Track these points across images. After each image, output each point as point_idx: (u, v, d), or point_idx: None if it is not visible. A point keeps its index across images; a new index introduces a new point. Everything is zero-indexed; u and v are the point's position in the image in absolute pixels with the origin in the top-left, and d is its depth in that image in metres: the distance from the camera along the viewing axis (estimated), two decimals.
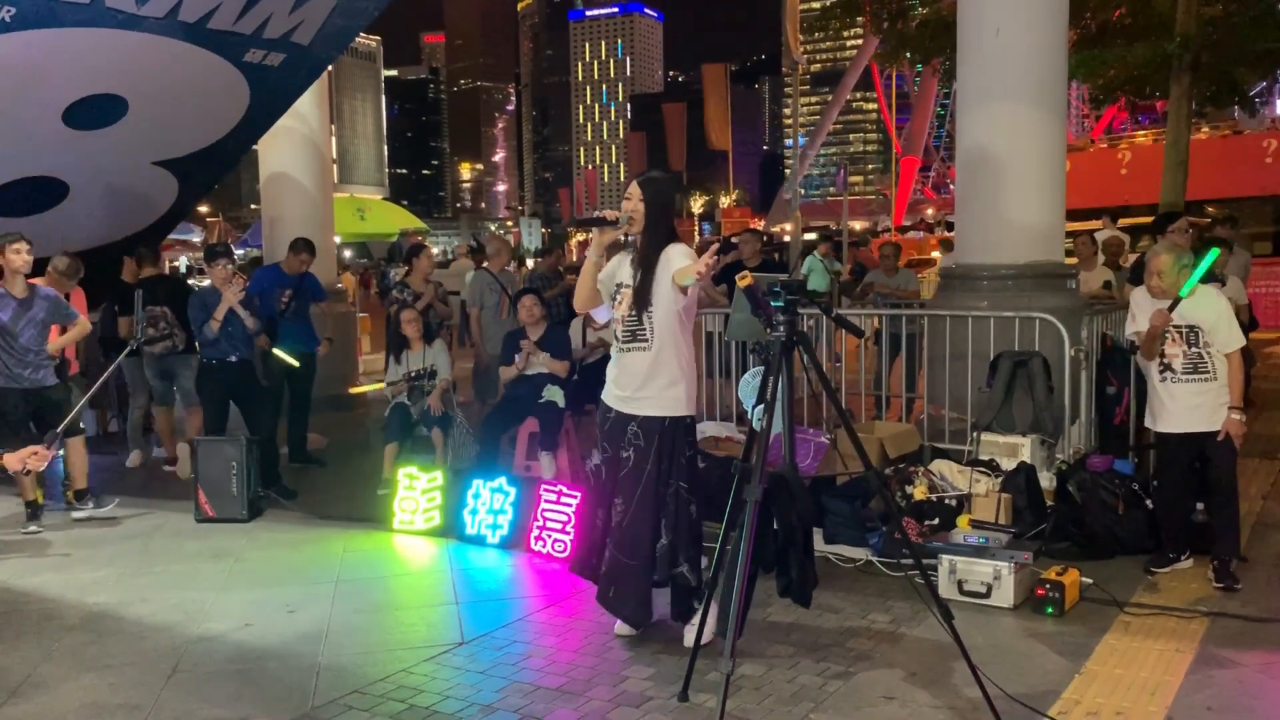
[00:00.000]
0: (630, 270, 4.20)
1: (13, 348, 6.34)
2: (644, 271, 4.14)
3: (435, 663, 4.21)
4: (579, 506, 5.47)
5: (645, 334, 4.16)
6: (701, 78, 56.13)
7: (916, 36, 15.95)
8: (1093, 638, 4.32)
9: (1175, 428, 5.05)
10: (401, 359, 7.43)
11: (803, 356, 3.37)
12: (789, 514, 3.39)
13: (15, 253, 6.30)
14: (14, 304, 6.35)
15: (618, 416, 4.29)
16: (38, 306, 6.44)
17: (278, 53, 7.86)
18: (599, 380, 7.76)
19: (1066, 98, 7.82)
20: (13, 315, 6.33)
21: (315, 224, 10.97)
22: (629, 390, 4.24)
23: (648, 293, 4.11)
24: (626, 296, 4.18)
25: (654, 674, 4.02)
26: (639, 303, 4.13)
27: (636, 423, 4.21)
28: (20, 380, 6.38)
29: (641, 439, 4.18)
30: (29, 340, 6.39)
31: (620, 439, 4.27)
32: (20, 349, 6.36)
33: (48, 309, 6.50)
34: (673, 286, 4.04)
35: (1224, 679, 3.92)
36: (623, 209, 4.18)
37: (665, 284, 4.08)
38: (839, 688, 3.87)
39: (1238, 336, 4.99)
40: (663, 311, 4.11)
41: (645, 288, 4.11)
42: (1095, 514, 5.41)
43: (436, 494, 6.13)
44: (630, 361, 4.22)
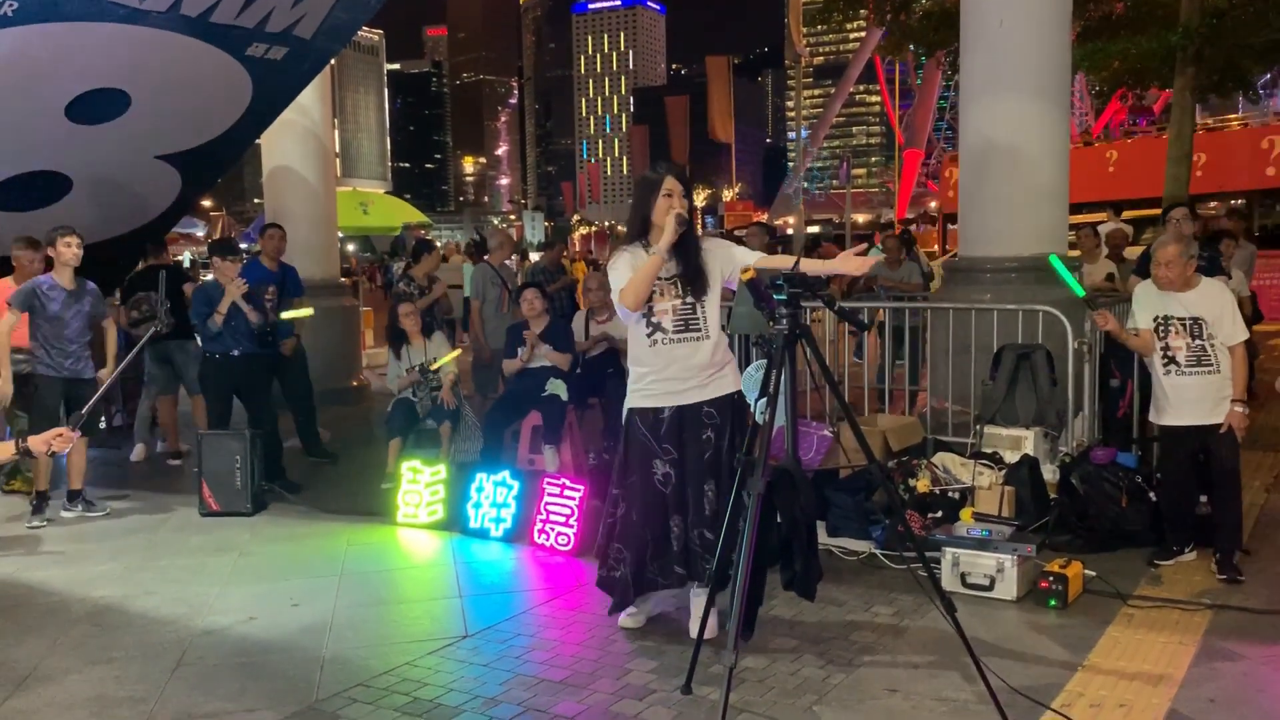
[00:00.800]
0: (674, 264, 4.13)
1: (61, 337, 6.48)
2: (695, 262, 4.11)
3: (439, 656, 4.22)
4: (581, 500, 5.48)
5: (698, 323, 4.11)
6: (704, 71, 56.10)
7: (919, 28, 15.92)
8: (1096, 630, 4.32)
9: (1179, 420, 5.05)
10: (402, 354, 7.43)
11: (805, 349, 3.37)
12: (792, 507, 3.39)
13: (66, 245, 6.46)
14: (64, 295, 6.51)
15: (677, 411, 4.14)
16: (86, 299, 6.62)
17: (280, 46, 7.85)
18: (602, 374, 7.87)
19: (1070, 90, 7.80)
20: (63, 305, 6.49)
21: (318, 218, 10.98)
22: (695, 380, 4.13)
23: (704, 282, 4.11)
24: (667, 289, 4.11)
25: (657, 667, 4.03)
26: (696, 292, 4.10)
27: (710, 404, 4.15)
28: (61, 370, 6.53)
29: (717, 416, 4.14)
30: (74, 332, 6.55)
31: (693, 429, 4.14)
32: (66, 339, 6.50)
33: (93, 302, 6.67)
34: (722, 276, 4.13)
35: (1228, 671, 3.92)
36: (676, 206, 4.06)
37: (716, 273, 4.12)
38: (842, 680, 3.88)
39: (1241, 329, 4.99)
40: (713, 299, 4.14)
41: (701, 278, 4.11)
42: (1098, 507, 5.41)
43: (440, 488, 6.14)
44: (686, 352, 4.12)
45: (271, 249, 8.16)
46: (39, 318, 6.44)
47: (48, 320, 6.45)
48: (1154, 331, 5.06)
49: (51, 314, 6.44)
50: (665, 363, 4.14)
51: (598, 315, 8.01)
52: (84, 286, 6.64)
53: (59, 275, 6.51)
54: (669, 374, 4.14)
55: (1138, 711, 3.58)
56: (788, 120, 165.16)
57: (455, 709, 3.71)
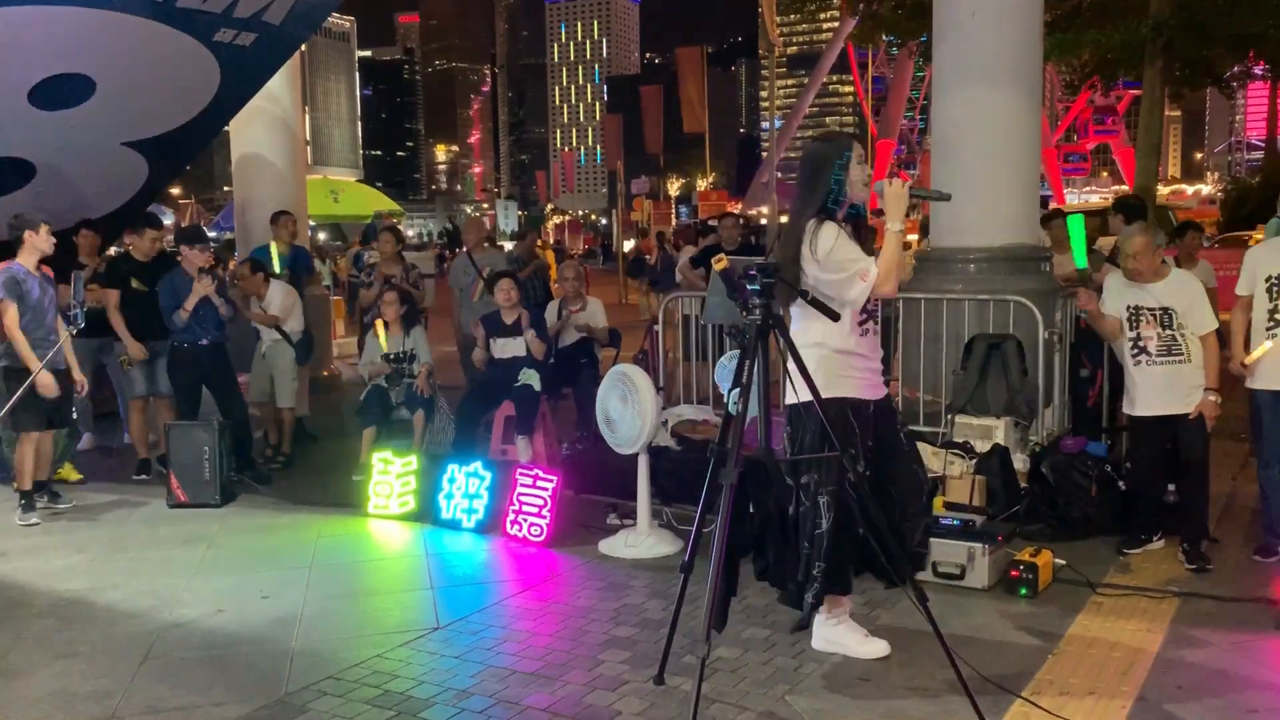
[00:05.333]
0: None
1: (43, 326, 6.31)
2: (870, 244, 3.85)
3: (410, 648, 4.19)
4: (554, 491, 5.46)
5: (877, 311, 3.92)
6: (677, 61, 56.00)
7: (892, 17, 15.96)
8: (1066, 618, 4.36)
9: (1149, 410, 5.09)
10: (378, 341, 7.37)
11: (778, 340, 3.36)
12: (765, 497, 3.38)
13: (47, 235, 6.31)
14: (37, 283, 6.31)
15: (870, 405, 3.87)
16: (50, 289, 6.43)
17: (248, 32, 7.75)
18: (575, 364, 7.84)
19: (1042, 81, 7.83)
20: (40, 294, 6.31)
21: (288, 205, 10.79)
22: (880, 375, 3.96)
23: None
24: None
25: (630, 657, 4.02)
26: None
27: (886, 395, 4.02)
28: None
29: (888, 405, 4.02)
30: (52, 320, 6.38)
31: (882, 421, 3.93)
32: (47, 328, 6.33)
33: (54, 293, 6.50)
34: None
35: (1195, 659, 3.96)
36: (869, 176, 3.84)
37: None
38: (814, 670, 3.88)
39: (1211, 319, 5.04)
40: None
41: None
42: (1068, 496, 5.45)
43: (411, 478, 6.09)
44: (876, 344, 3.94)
45: (286, 235, 8.54)
46: (22, 307, 6.22)
47: (30, 309, 6.23)
48: (1125, 321, 5.09)
49: (32, 302, 6.26)
50: (871, 352, 3.89)
51: (571, 304, 7.98)
52: (47, 276, 6.48)
53: (26, 262, 6.30)
54: (874, 365, 3.91)
55: (1106, 699, 3.61)
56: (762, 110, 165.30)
57: (426, 701, 3.68)
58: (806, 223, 3.75)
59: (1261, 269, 4.98)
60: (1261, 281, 4.96)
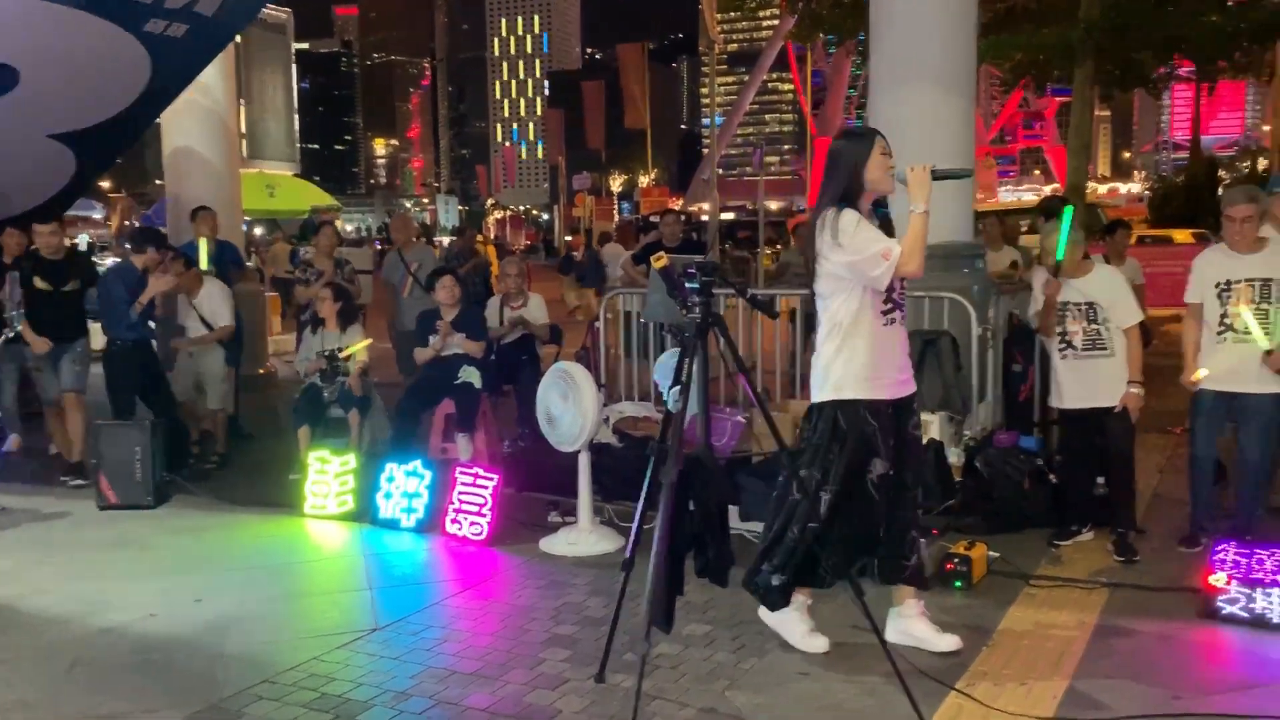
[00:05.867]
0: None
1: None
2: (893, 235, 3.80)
3: (348, 650, 4.14)
4: (495, 489, 5.44)
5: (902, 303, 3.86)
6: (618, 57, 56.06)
7: (830, 16, 16.11)
8: (999, 610, 4.44)
9: (1076, 403, 5.21)
10: (317, 336, 7.27)
11: (718, 338, 3.37)
12: (705, 496, 3.40)
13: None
14: None
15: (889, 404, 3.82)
16: None
17: (180, 23, 7.58)
18: (516, 360, 7.81)
19: (976, 80, 7.95)
20: None
21: (222, 200, 10.61)
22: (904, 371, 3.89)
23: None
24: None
25: (571, 655, 4.02)
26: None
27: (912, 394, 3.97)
28: None
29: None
30: None
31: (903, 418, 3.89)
32: None
33: None
34: None
35: (1123, 648, 4.06)
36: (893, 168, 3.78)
37: None
38: (754, 665, 3.92)
39: (1135, 312, 5.16)
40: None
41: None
42: (1002, 489, 5.55)
43: (349, 477, 6.02)
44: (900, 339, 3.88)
45: (206, 231, 8.17)
46: None
47: None
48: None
49: None
50: (892, 348, 3.82)
51: (513, 301, 7.94)
52: None
53: None
54: (897, 361, 3.85)
55: (1037, 690, 3.69)
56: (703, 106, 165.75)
57: (364, 704, 3.65)
58: (824, 213, 3.74)
59: (1210, 275, 5.00)
60: (1211, 288, 4.98)
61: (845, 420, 3.73)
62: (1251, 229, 4.89)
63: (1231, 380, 4.95)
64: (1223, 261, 4.98)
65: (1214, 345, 4.98)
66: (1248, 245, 4.91)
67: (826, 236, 3.68)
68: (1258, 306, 4.84)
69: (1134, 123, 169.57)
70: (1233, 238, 4.92)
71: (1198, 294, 5.05)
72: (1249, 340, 4.83)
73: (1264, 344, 4.78)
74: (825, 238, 3.68)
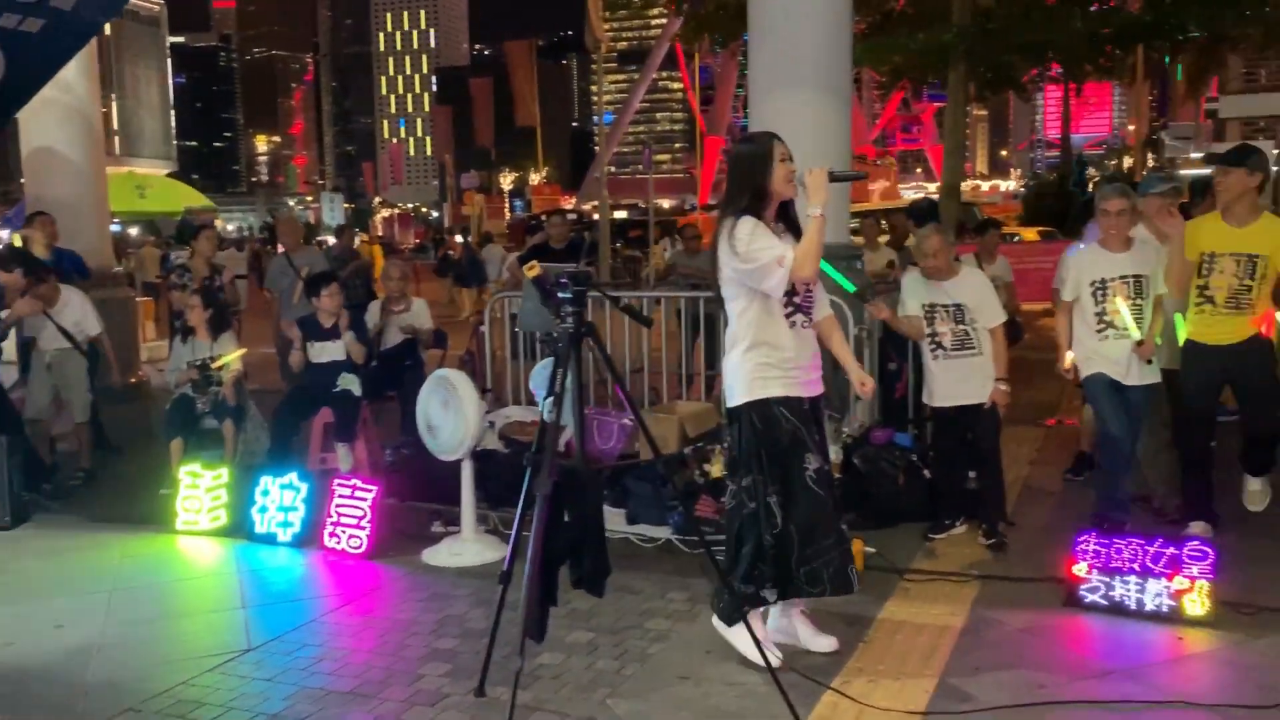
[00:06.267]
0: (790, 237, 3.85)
1: None
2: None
3: (219, 672, 4.00)
4: (374, 500, 5.33)
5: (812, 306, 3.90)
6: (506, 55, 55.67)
7: (715, 18, 16.24)
8: (875, 606, 4.53)
9: (946, 401, 5.37)
10: (188, 345, 7.02)
11: (593, 347, 3.36)
12: (580, 506, 3.38)
13: None
14: None
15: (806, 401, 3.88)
16: None
17: (35, 18, 7.21)
18: (400, 366, 7.66)
19: (852, 83, 8.12)
20: None
21: (87, 202, 10.23)
22: (815, 371, 3.93)
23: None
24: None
25: (451, 670, 3.97)
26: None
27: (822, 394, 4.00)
28: None
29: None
30: None
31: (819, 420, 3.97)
32: None
33: None
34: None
35: (991, 639, 4.19)
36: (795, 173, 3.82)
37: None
38: (636, 670, 3.92)
39: (1000, 313, 5.34)
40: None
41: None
42: (878, 485, 5.69)
43: (222, 491, 5.83)
44: (811, 339, 3.92)
45: (44, 237, 7.72)
46: None
47: None
48: (923, 318, 5.35)
49: None
50: (800, 348, 3.85)
51: (394, 305, 7.80)
52: None
53: None
54: (804, 361, 3.88)
55: (910, 683, 3.78)
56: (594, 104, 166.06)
57: None
58: (725, 221, 3.79)
59: (1086, 274, 5.14)
60: (1086, 286, 5.13)
61: (761, 421, 3.77)
62: (1125, 222, 5.07)
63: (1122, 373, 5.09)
64: (1097, 260, 5.14)
65: (1096, 343, 5.13)
66: (1121, 241, 5.09)
67: (724, 245, 3.74)
68: (1133, 303, 5.02)
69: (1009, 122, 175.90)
70: (1108, 230, 5.10)
71: (1073, 292, 5.21)
72: (1129, 335, 5.01)
73: (1135, 335, 4.98)
74: (724, 246, 3.75)
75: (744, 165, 3.86)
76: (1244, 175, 4.94)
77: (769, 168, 3.78)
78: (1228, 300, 5.02)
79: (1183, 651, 4.04)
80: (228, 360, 6.85)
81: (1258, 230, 4.96)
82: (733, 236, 3.73)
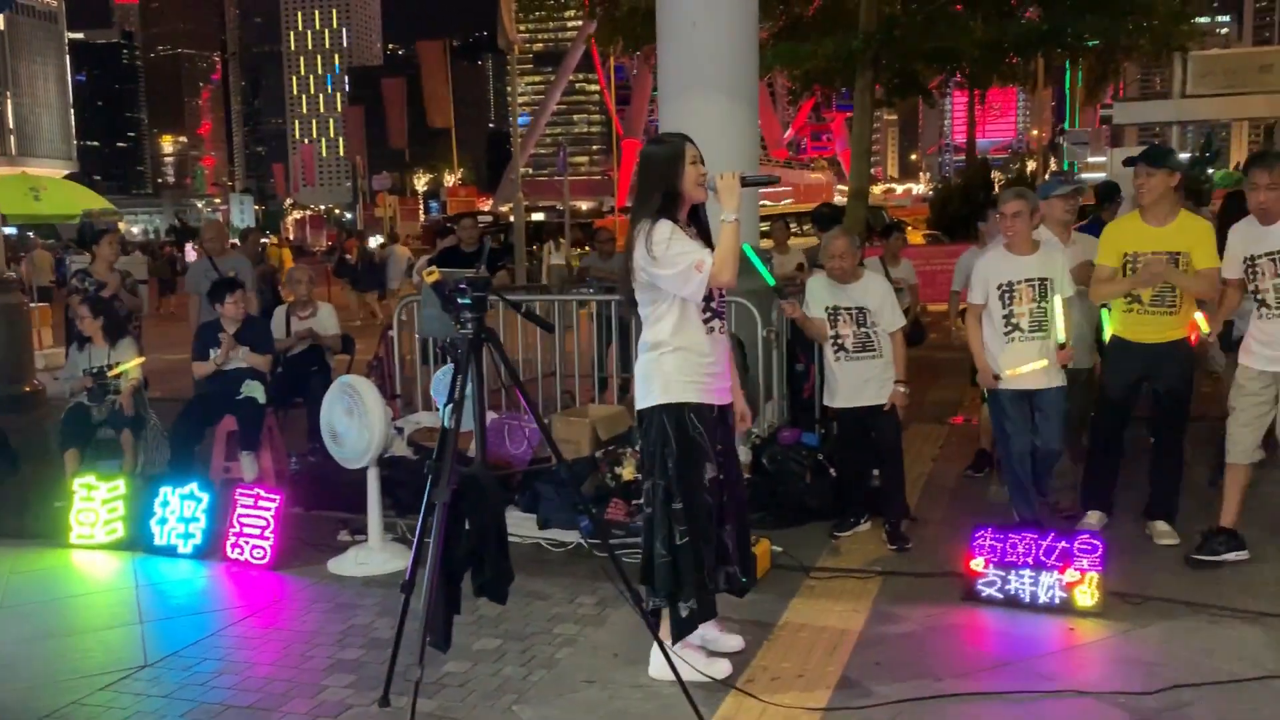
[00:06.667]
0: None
1: None
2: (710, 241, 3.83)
3: (112, 690, 3.89)
4: (277, 510, 5.23)
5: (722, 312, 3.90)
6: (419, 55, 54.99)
7: (628, 21, 16.30)
8: (781, 604, 4.59)
9: (849, 402, 5.47)
10: (84, 353, 6.80)
11: (493, 353, 3.35)
12: (481, 514, 3.37)
13: None
14: None
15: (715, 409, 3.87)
16: None
17: None
18: (305, 372, 7.52)
19: (758, 90, 8.22)
20: None
21: None
22: (726, 379, 3.91)
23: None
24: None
25: (355, 681, 3.91)
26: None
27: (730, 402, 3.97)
28: None
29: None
30: None
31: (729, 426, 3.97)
32: None
33: None
34: None
35: (893, 635, 4.28)
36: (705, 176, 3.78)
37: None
38: (543, 676, 3.92)
39: (900, 317, 5.46)
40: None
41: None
42: (786, 484, 5.78)
43: (119, 503, 5.66)
44: (724, 343, 3.90)
45: None
46: None
47: None
48: (826, 321, 5.44)
49: None
50: (718, 353, 3.83)
51: (300, 310, 7.67)
52: None
53: None
54: (720, 368, 3.86)
55: (813, 680, 3.84)
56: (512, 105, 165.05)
57: None
58: (640, 225, 3.73)
59: (992, 277, 5.21)
60: (994, 290, 5.20)
61: (671, 424, 3.75)
62: (1022, 224, 5.13)
63: (1023, 379, 5.17)
64: (1003, 264, 5.21)
65: (1003, 345, 5.21)
66: (1023, 243, 5.16)
67: (641, 249, 3.68)
68: (1037, 305, 5.12)
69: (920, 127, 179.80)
70: (1006, 232, 5.21)
71: (981, 295, 5.28)
72: (1037, 337, 5.12)
73: (1060, 338, 5.09)
74: (640, 250, 3.69)
75: (655, 166, 3.81)
76: (1166, 176, 5.07)
77: (680, 169, 3.75)
78: (1154, 299, 5.11)
79: (1074, 641, 4.18)
80: (125, 368, 6.66)
81: (1177, 229, 5.06)
82: (650, 240, 3.68)
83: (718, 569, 3.90)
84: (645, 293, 3.80)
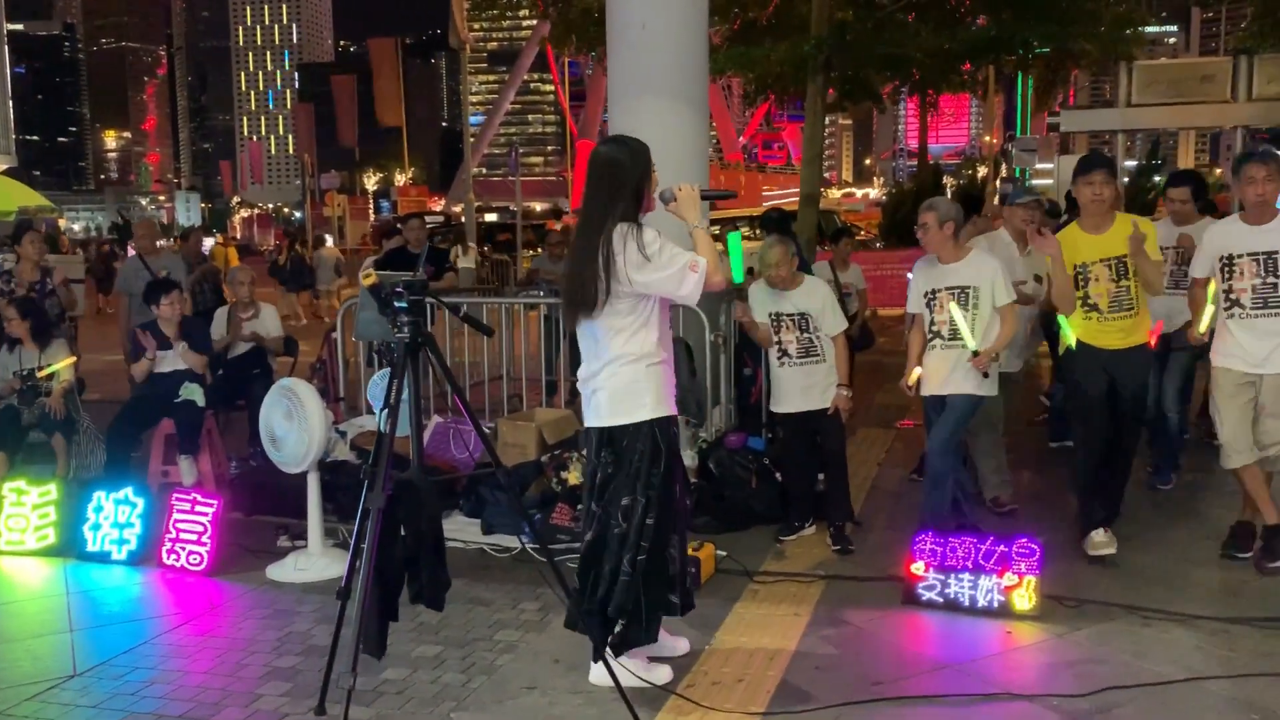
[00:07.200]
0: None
1: None
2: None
3: (39, 701, 3.79)
4: (215, 515, 5.13)
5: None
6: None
7: (580, 23, 16.29)
8: (724, 609, 4.59)
9: (793, 407, 5.49)
10: (14, 355, 6.64)
11: (430, 357, 3.31)
12: (417, 520, 3.33)
13: None
14: None
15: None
16: None
17: None
18: (248, 375, 7.41)
19: (708, 93, 8.24)
20: None
21: None
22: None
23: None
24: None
25: (291, 689, 3.85)
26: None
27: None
28: None
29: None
30: None
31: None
32: None
33: None
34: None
35: (834, 638, 4.30)
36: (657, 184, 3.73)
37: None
38: (483, 683, 3.88)
39: (841, 321, 5.48)
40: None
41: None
42: (732, 488, 5.79)
43: (51, 509, 5.52)
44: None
45: None
46: None
47: None
48: (770, 326, 5.46)
49: None
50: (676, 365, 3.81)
51: (242, 311, 7.54)
52: None
53: None
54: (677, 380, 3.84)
55: (754, 685, 3.84)
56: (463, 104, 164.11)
57: None
58: (613, 230, 3.54)
59: (920, 285, 5.25)
60: (920, 298, 5.25)
61: (663, 438, 3.68)
62: (931, 235, 5.14)
63: (940, 384, 5.21)
64: (929, 272, 5.26)
65: (927, 351, 5.27)
66: (945, 252, 5.23)
67: (631, 255, 3.49)
68: (965, 314, 5.15)
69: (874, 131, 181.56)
70: (924, 243, 5.28)
71: (914, 304, 5.33)
72: (955, 345, 5.16)
73: (971, 345, 5.12)
74: (629, 256, 3.50)
75: (624, 169, 3.63)
76: (1115, 184, 5.17)
77: (649, 175, 3.66)
78: (1111, 305, 5.12)
79: (1011, 644, 4.23)
80: (56, 369, 6.51)
81: (1115, 233, 5.08)
82: (641, 243, 3.51)
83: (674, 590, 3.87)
84: (622, 301, 3.58)
